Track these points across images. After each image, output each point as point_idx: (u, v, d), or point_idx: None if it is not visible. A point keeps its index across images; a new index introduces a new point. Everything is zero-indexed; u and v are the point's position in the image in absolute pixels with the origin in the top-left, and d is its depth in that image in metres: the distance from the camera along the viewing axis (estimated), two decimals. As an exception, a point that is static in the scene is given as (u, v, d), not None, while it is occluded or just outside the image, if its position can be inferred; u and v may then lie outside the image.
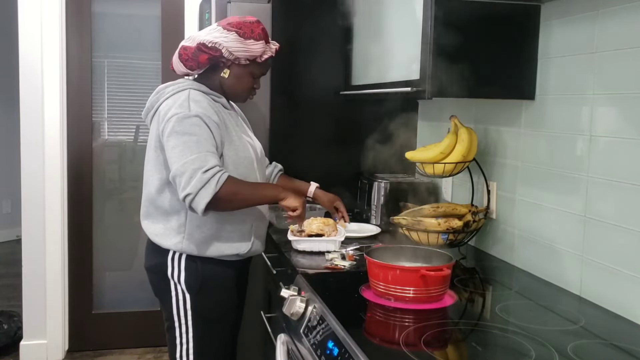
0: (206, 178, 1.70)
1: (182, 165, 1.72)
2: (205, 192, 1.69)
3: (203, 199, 1.69)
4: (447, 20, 1.73)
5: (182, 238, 1.86)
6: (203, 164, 1.71)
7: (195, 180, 1.69)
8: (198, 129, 1.76)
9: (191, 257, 1.87)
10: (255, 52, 1.87)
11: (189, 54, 1.85)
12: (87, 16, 3.38)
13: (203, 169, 1.71)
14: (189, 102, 1.80)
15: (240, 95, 1.97)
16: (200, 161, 1.72)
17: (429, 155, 2.06)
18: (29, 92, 3.22)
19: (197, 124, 1.76)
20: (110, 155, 3.61)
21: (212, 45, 1.83)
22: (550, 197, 1.80)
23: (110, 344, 3.55)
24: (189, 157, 1.72)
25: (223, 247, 1.88)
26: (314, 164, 2.62)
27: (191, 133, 1.75)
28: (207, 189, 1.70)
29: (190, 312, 1.88)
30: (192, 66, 1.88)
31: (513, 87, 1.86)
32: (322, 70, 2.74)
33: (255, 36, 1.86)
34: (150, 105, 1.92)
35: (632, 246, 1.47)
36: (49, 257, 3.33)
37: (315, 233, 2.05)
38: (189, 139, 1.74)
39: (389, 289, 1.53)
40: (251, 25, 1.86)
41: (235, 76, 1.91)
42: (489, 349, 1.34)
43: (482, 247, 2.17)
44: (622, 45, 1.50)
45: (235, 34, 1.84)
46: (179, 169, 1.72)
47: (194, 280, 1.87)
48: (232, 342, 2.06)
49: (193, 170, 1.70)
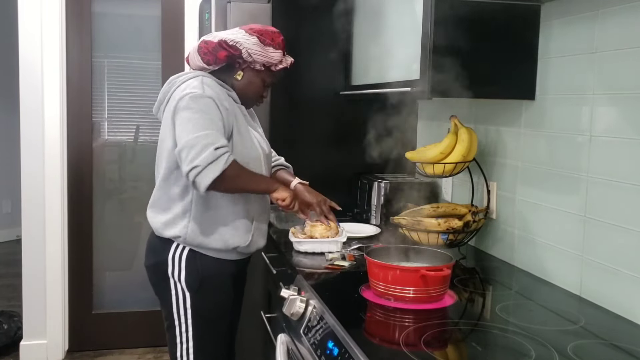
0: (217, 154, 1.73)
1: (195, 138, 1.73)
2: (214, 167, 1.72)
3: (211, 173, 1.72)
4: (447, 20, 1.73)
5: (187, 222, 1.85)
6: (215, 141, 1.74)
7: (206, 154, 1.72)
8: (211, 109, 1.79)
9: (192, 255, 1.88)
10: (273, 59, 1.91)
11: (209, 48, 1.88)
12: (87, 16, 3.38)
13: (215, 145, 1.74)
14: (203, 85, 1.83)
15: (249, 100, 1.99)
16: (213, 137, 1.75)
17: (429, 155, 2.06)
18: (29, 92, 3.22)
19: (209, 104, 1.79)
20: (110, 155, 3.61)
21: (233, 43, 1.86)
22: (550, 197, 1.80)
23: (110, 344, 3.55)
24: (202, 132, 1.74)
25: (226, 236, 1.88)
26: (314, 163, 2.62)
27: (204, 111, 1.77)
28: (217, 164, 1.72)
29: (190, 310, 1.88)
30: (209, 60, 1.89)
31: (513, 87, 1.86)
32: (322, 70, 2.74)
33: (275, 45, 1.91)
34: (162, 96, 1.93)
35: (632, 246, 1.47)
36: (49, 257, 3.33)
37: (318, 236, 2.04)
38: (201, 116, 1.77)
39: (389, 289, 1.53)
40: (272, 34, 1.91)
41: (247, 80, 1.93)
42: (489, 349, 1.34)
43: (482, 247, 2.17)
44: (622, 45, 1.50)
45: (257, 39, 1.88)
46: (190, 141, 1.73)
47: (194, 278, 1.88)
48: (230, 341, 2.07)
49: (205, 145, 1.72)
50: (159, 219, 1.90)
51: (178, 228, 1.86)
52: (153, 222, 1.93)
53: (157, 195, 1.93)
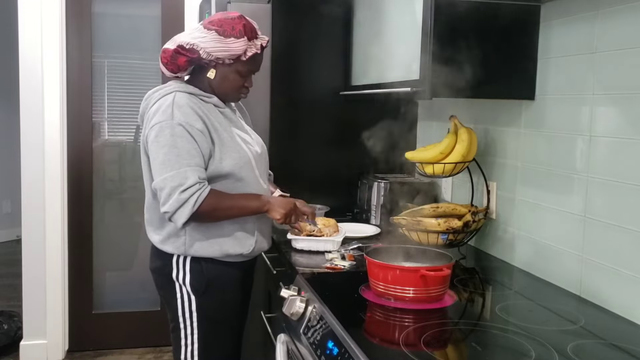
0: (184, 198, 1.70)
1: (162, 181, 1.72)
2: (182, 211, 1.71)
3: (180, 217, 1.71)
4: (447, 20, 1.73)
5: (184, 241, 1.84)
6: (182, 182, 1.70)
7: (173, 200, 1.70)
8: (180, 140, 1.72)
9: (196, 259, 1.86)
10: (237, 50, 1.78)
11: (168, 57, 1.80)
12: (87, 16, 3.38)
13: (182, 187, 1.70)
14: (173, 109, 1.74)
15: (230, 95, 1.90)
16: (179, 178, 1.70)
17: (429, 155, 2.06)
18: (29, 92, 3.22)
19: (179, 134, 1.72)
20: (110, 155, 3.61)
21: (189, 47, 1.77)
22: (550, 197, 1.80)
23: (110, 344, 3.55)
24: (169, 173, 1.71)
25: (226, 247, 1.86)
26: (314, 164, 2.62)
27: (172, 145, 1.72)
28: (184, 209, 1.70)
29: (195, 313, 1.87)
30: (173, 69, 1.83)
31: (513, 87, 1.86)
32: (322, 70, 2.74)
33: (236, 33, 1.77)
34: (142, 111, 1.90)
35: (632, 246, 1.47)
36: (49, 257, 3.33)
37: (315, 234, 2.05)
38: (169, 151, 1.72)
39: (389, 289, 1.53)
40: (232, 22, 1.78)
41: (221, 76, 1.84)
42: (489, 349, 1.34)
43: (482, 247, 2.17)
44: (622, 45, 1.50)
45: (215, 33, 1.77)
46: (159, 183, 1.73)
47: (199, 282, 1.86)
48: (237, 343, 2.06)
49: (171, 188, 1.70)
50: (155, 238, 1.89)
51: (176, 245, 1.84)
52: (151, 238, 1.91)
53: (149, 213, 1.89)
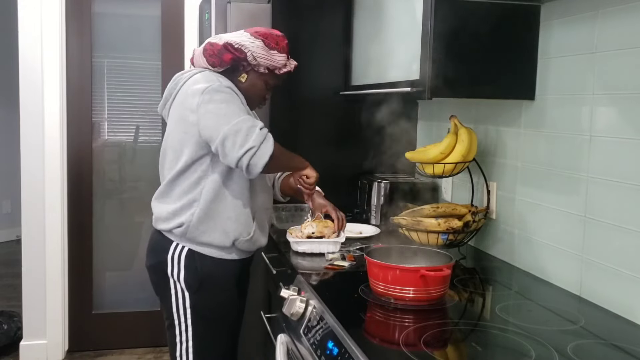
0: (264, 133, 1.77)
1: (235, 125, 1.75)
2: (266, 145, 1.76)
3: (267, 151, 1.75)
4: (447, 20, 1.73)
5: (194, 211, 1.85)
6: (255, 123, 1.78)
7: (255, 135, 1.75)
8: (234, 98, 1.83)
9: (191, 255, 1.88)
10: (277, 63, 1.93)
11: (215, 50, 1.89)
12: (87, 16, 3.38)
13: (258, 125, 1.78)
14: (217, 77, 1.86)
15: (252, 102, 1.99)
16: (251, 120, 1.78)
17: (429, 155, 2.06)
18: (29, 92, 3.22)
19: (231, 93, 1.83)
20: (110, 155, 3.61)
21: (238, 46, 1.88)
22: (550, 197, 1.80)
23: (110, 344, 3.55)
24: (240, 118, 1.76)
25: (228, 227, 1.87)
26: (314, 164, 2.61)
27: (229, 101, 1.80)
28: (268, 142, 1.76)
29: (189, 310, 1.89)
30: (215, 62, 1.90)
31: (513, 87, 1.86)
32: (322, 70, 2.74)
33: (280, 48, 1.93)
34: (168, 94, 1.94)
35: (632, 246, 1.47)
36: (49, 257, 3.33)
37: (316, 235, 2.04)
38: (230, 105, 1.79)
39: (389, 289, 1.53)
40: (277, 38, 1.93)
41: (251, 82, 1.95)
42: (489, 349, 1.34)
43: (482, 247, 2.17)
44: (622, 45, 1.50)
45: (261, 42, 1.90)
46: (232, 128, 1.74)
47: (193, 278, 1.88)
48: (232, 341, 2.07)
49: (249, 127, 1.75)
50: (165, 208, 1.90)
51: (184, 217, 1.85)
52: (159, 211, 1.92)
53: (168, 186, 1.91)
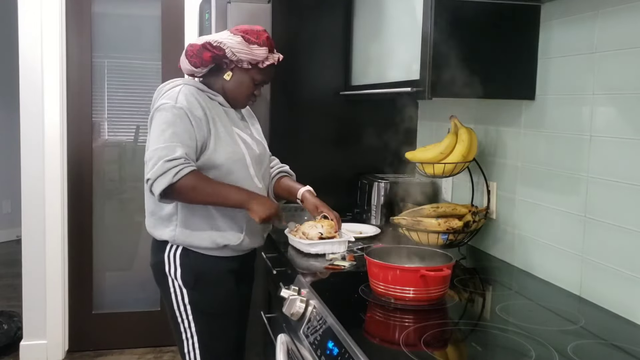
0: (166, 167, 1.76)
1: (152, 152, 1.79)
2: (162, 180, 1.75)
3: (159, 185, 1.76)
4: (447, 20, 1.73)
5: (175, 226, 1.90)
6: (169, 153, 1.77)
7: (156, 167, 1.76)
8: (179, 120, 1.82)
9: (185, 253, 1.91)
10: (258, 56, 1.92)
11: (195, 50, 1.92)
12: (87, 16, 3.38)
13: (167, 157, 1.77)
14: (178, 95, 1.87)
15: (240, 100, 2.00)
16: (167, 150, 1.78)
17: (429, 155, 2.06)
18: (29, 92, 3.22)
19: (178, 115, 1.82)
20: (110, 155, 3.61)
21: (216, 44, 1.89)
22: (550, 197, 1.80)
23: (110, 344, 3.55)
24: (160, 145, 1.79)
25: (215, 236, 1.91)
26: (314, 164, 2.62)
27: (170, 123, 1.81)
28: (165, 177, 1.75)
29: (189, 306, 1.93)
30: (196, 62, 1.92)
31: (513, 87, 1.86)
32: (322, 70, 2.74)
33: (260, 42, 1.92)
34: (151, 105, 1.97)
35: (632, 246, 1.47)
36: (49, 257, 3.33)
37: (325, 236, 2.02)
38: (166, 128, 1.81)
39: (389, 289, 1.53)
40: (257, 32, 1.93)
41: (237, 80, 1.96)
42: (489, 349, 1.34)
43: (482, 247, 2.17)
44: (622, 45, 1.50)
45: (240, 38, 1.91)
46: (149, 154, 1.80)
47: (188, 275, 1.92)
48: (238, 336, 2.07)
49: (158, 158, 1.77)
50: (149, 222, 1.98)
51: (166, 231, 1.92)
52: (146, 224, 2.00)
53: (146, 199, 1.97)
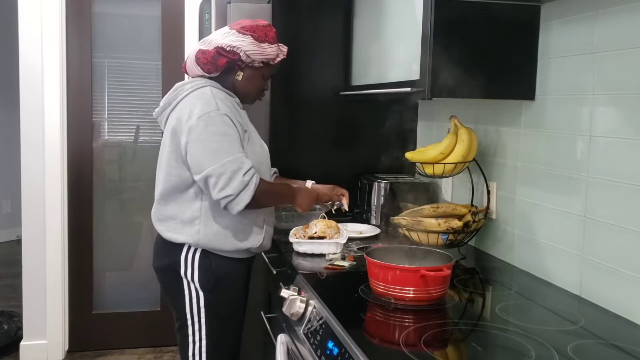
0: (246, 181, 1.76)
1: (221, 166, 1.75)
2: (245, 194, 1.76)
3: (243, 200, 1.76)
4: (447, 21, 1.73)
5: (198, 229, 1.86)
6: (241, 166, 1.77)
7: (236, 182, 1.75)
8: (230, 129, 1.80)
9: (204, 255, 1.88)
10: (270, 55, 1.92)
11: (208, 58, 1.88)
12: (87, 16, 3.38)
13: (242, 170, 1.76)
14: (216, 101, 1.82)
15: (251, 97, 2.01)
16: (238, 162, 1.77)
17: (429, 155, 2.06)
18: (29, 92, 3.22)
19: (227, 123, 1.80)
20: (110, 155, 3.61)
21: (230, 49, 1.87)
22: (550, 197, 1.80)
23: (110, 344, 3.55)
24: (227, 159, 1.76)
25: (238, 240, 1.90)
26: (314, 164, 2.62)
27: (224, 133, 1.79)
28: (247, 191, 1.76)
29: (203, 309, 1.89)
30: (210, 69, 1.90)
31: (513, 87, 1.86)
32: (322, 70, 2.74)
33: (270, 40, 1.91)
34: (167, 102, 1.92)
35: (632, 246, 1.47)
36: (49, 257, 3.33)
37: (318, 236, 2.04)
38: (222, 139, 1.78)
39: (389, 289, 1.53)
40: (264, 29, 1.91)
41: (248, 78, 1.95)
42: (489, 349, 1.34)
43: (482, 247, 2.17)
44: (622, 45, 1.50)
45: (250, 38, 1.88)
46: (217, 169, 1.75)
47: (208, 278, 1.88)
48: (240, 338, 2.08)
49: (232, 172, 1.75)
50: (167, 226, 1.90)
51: (189, 233, 1.86)
52: (161, 228, 1.92)
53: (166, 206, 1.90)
